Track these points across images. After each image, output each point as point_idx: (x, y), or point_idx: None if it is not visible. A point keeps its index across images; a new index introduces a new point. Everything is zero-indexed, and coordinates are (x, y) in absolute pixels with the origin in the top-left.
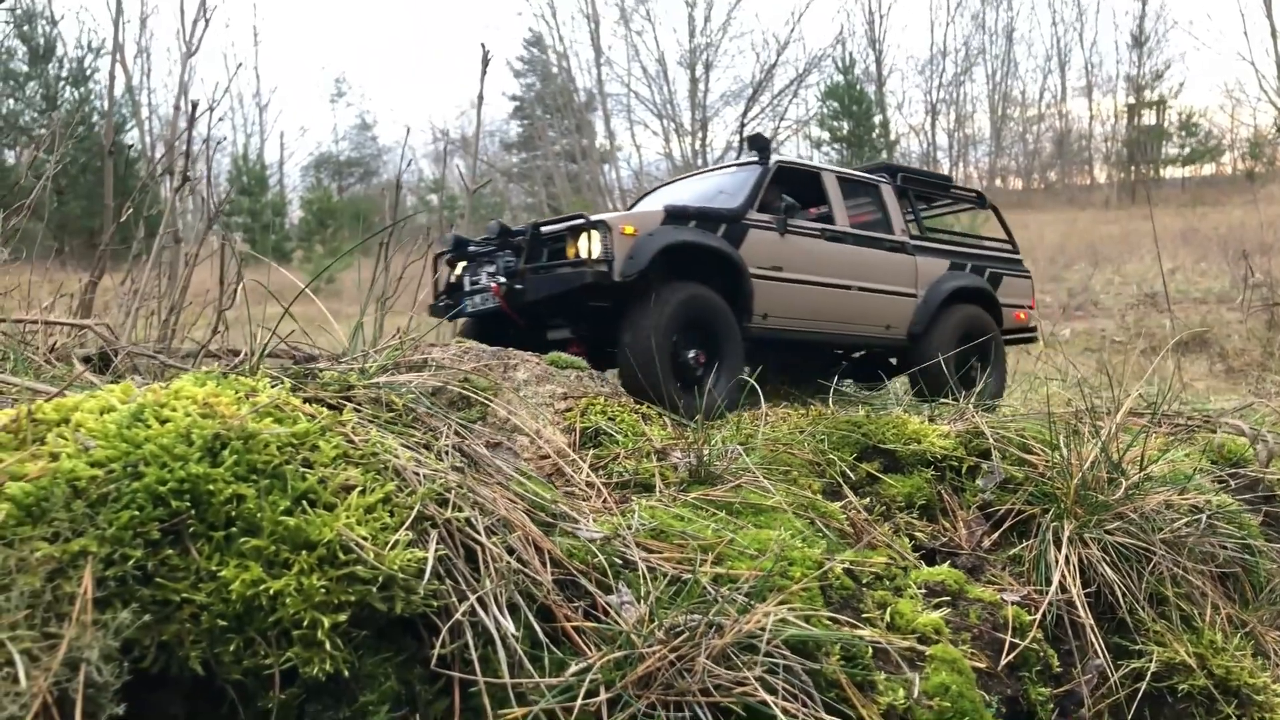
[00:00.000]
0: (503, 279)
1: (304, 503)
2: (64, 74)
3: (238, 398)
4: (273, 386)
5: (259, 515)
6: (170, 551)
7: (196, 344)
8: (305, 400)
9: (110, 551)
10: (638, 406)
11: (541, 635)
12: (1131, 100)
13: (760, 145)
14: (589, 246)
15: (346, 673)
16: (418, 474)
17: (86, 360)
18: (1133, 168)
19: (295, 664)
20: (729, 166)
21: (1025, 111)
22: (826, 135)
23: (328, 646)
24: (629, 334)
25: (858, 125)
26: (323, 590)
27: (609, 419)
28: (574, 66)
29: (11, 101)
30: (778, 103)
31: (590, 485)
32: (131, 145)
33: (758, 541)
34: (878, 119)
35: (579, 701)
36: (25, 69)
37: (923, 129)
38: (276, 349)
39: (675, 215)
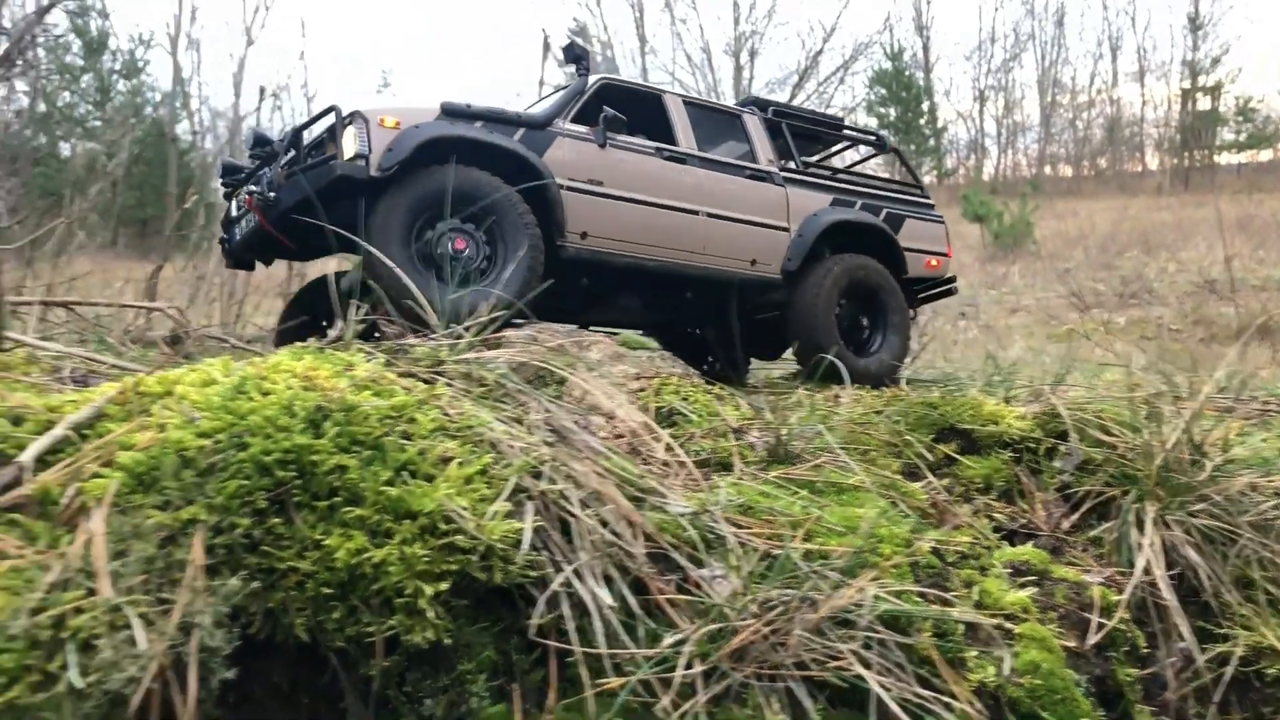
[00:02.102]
0: (255, 189)
1: (404, 473)
2: (117, 67)
3: (335, 371)
4: (367, 361)
5: (361, 485)
6: (276, 520)
7: (258, 327)
8: (399, 375)
9: (219, 520)
10: (710, 387)
11: (635, 607)
12: (1187, 85)
13: (575, 56)
14: (347, 142)
15: (448, 641)
16: (512, 447)
17: (166, 340)
18: (1186, 154)
19: (397, 632)
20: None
21: (1075, 98)
22: (874, 122)
23: (429, 615)
24: (374, 222)
25: (905, 111)
26: (425, 559)
27: (682, 399)
28: (618, 55)
29: (67, 94)
30: (823, 90)
31: (669, 464)
32: (176, 138)
33: (845, 519)
34: (925, 105)
35: (678, 673)
36: (81, 62)
37: (970, 116)
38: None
39: (455, 113)
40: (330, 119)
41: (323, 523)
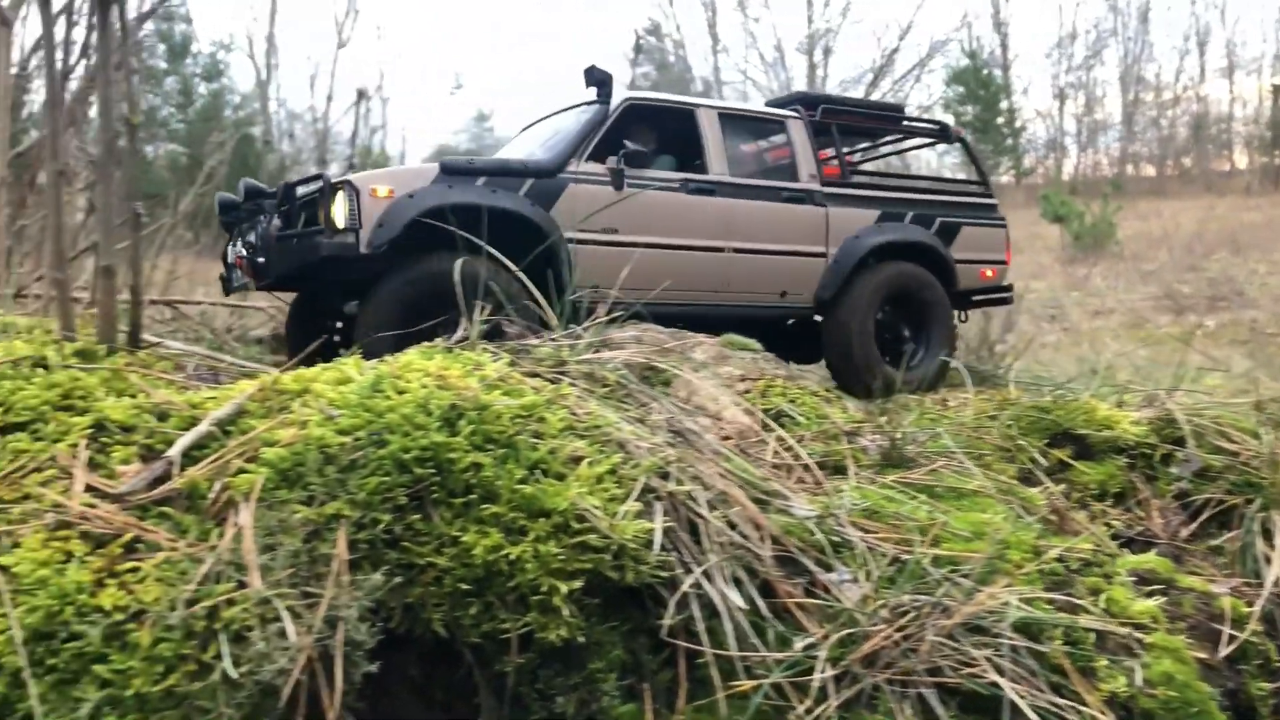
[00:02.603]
0: (244, 251)
1: (537, 472)
2: (198, 70)
3: (465, 371)
4: (494, 361)
5: (497, 483)
6: (414, 517)
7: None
8: (524, 375)
9: (361, 515)
10: (817, 390)
11: (764, 610)
12: (1278, 81)
13: (597, 80)
14: (337, 213)
15: (580, 639)
16: (640, 447)
17: (268, 338)
18: (1277, 152)
19: (532, 629)
20: (580, 105)
21: (1160, 95)
22: (951, 120)
23: (564, 613)
24: (361, 318)
25: (984, 110)
26: (559, 557)
27: (789, 401)
28: (691, 55)
29: (151, 97)
30: (899, 88)
31: (778, 466)
32: (270, 141)
33: (972, 524)
34: (1003, 104)
35: (816, 676)
36: (165, 65)
37: (1049, 114)
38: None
39: (455, 171)
40: (322, 181)
41: (459, 519)
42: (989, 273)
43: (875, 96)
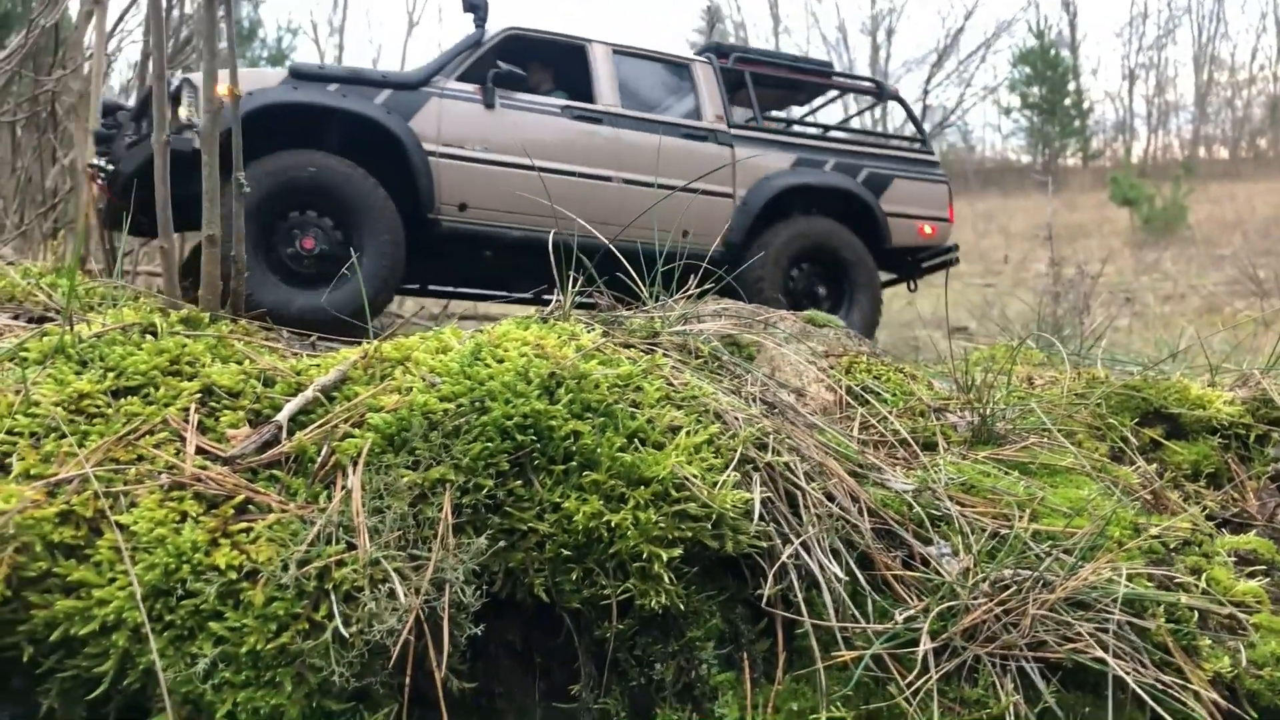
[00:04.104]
0: (97, 163)
1: (636, 441)
2: (264, 55)
3: (562, 341)
4: (588, 332)
5: (597, 451)
6: (516, 483)
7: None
8: (618, 345)
9: (465, 480)
10: (902, 367)
11: (862, 582)
12: None
13: (471, 5)
14: (182, 112)
15: (681, 607)
16: (737, 418)
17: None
18: None
19: (632, 596)
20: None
21: (1234, 75)
22: (1017, 101)
23: (664, 580)
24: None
25: (1051, 91)
26: (659, 525)
27: (874, 377)
28: (752, 37)
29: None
30: (964, 68)
31: (866, 442)
32: None
33: (1069, 500)
34: (1071, 85)
35: (921, 647)
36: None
37: (1118, 95)
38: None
39: (304, 75)
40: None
41: (559, 486)
42: (927, 229)
43: (939, 78)
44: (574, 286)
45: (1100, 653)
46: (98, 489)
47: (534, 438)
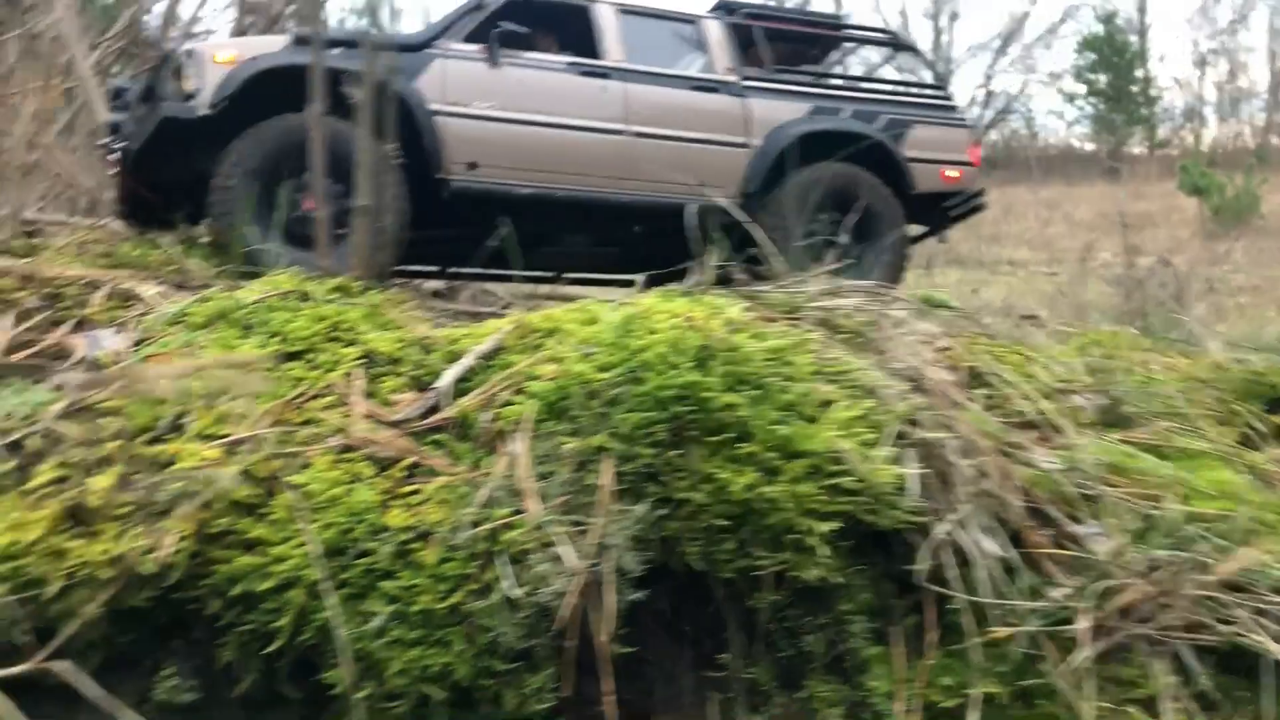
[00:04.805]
0: (106, 141)
1: (789, 414)
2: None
3: (709, 314)
4: (731, 306)
5: (752, 423)
6: (673, 453)
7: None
8: (762, 320)
9: (625, 449)
10: (1019, 349)
11: (1016, 560)
12: None
13: None
14: (187, 82)
15: (840, 580)
16: (888, 393)
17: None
18: None
19: (786, 568)
20: None
21: None
22: (1082, 88)
23: (820, 553)
24: (219, 179)
25: (1117, 78)
26: (816, 498)
27: (994, 358)
28: None
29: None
30: (1028, 55)
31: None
32: None
33: (1215, 483)
34: (1139, 72)
35: (1078, 626)
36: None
37: (1188, 82)
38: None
39: (307, 40)
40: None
41: (715, 457)
42: (952, 173)
43: (1003, 63)
44: (713, 261)
45: (1261, 637)
46: (273, 450)
47: (691, 408)
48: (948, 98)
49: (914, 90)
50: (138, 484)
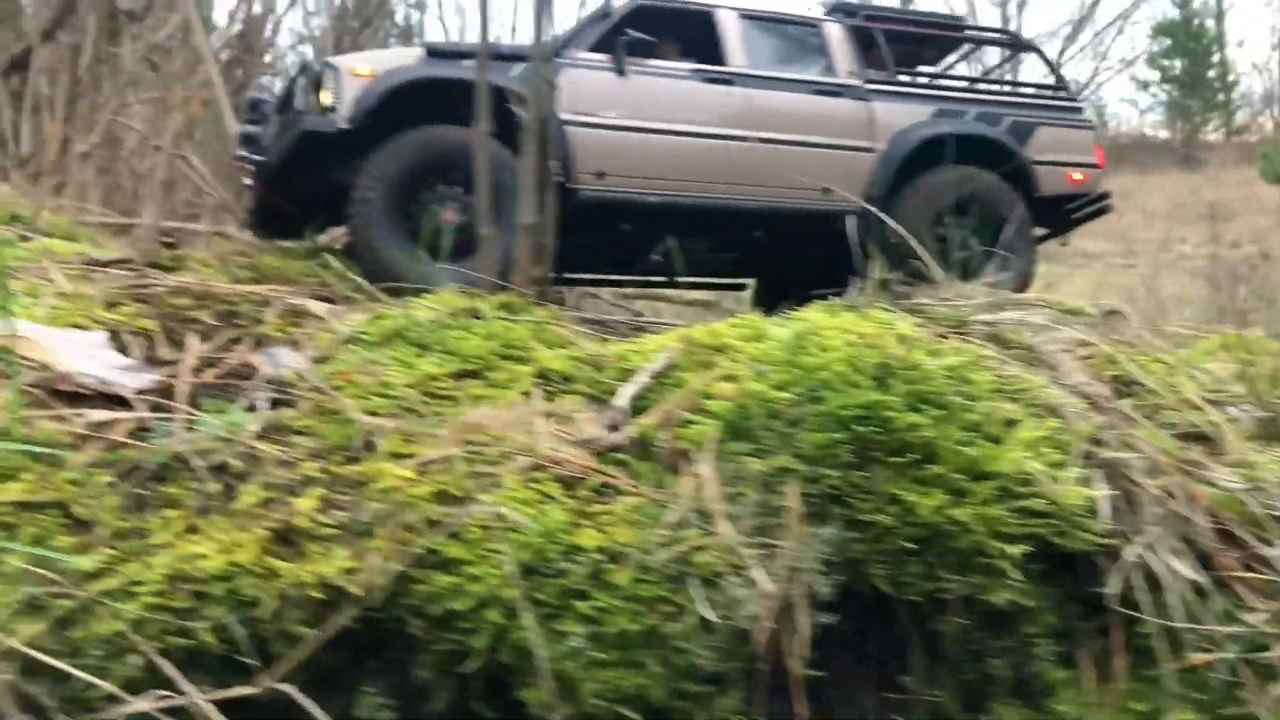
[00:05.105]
0: (243, 154)
1: (973, 434)
2: (394, 32)
3: (880, 329)
4: (897, 320)
5: (938, 444)
6: (857, 474)
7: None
8: (930, 335)
9: (809, 470)
10: (1162, 357)
11: (1206, 584)
12: None
13: None
14: (324, 96)
15: (1030, 603)
16: (1071, 411)
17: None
18: None
19: (974, 591)
20: None
21: None
22: (1156, 75)
23: (1010, 576)
24: (358, 191)
25: (1193, 64)
26: (1006, 521)
27: (1139, 367)
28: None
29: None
30: (1099, 40)
31: None
32: None
33: None
34: (1215, 57)
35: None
36: (355, 26)
37: (1267, 67)
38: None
39: (441, 53)
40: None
41: (900, 478)
42: (1077, 176)
43: (1072, 50)
44: (875, 273)
45: None
46: (463, 470)
47: (875, 429)
48: (1072, 98)
49: (1037, 91)
50: (340, 504)
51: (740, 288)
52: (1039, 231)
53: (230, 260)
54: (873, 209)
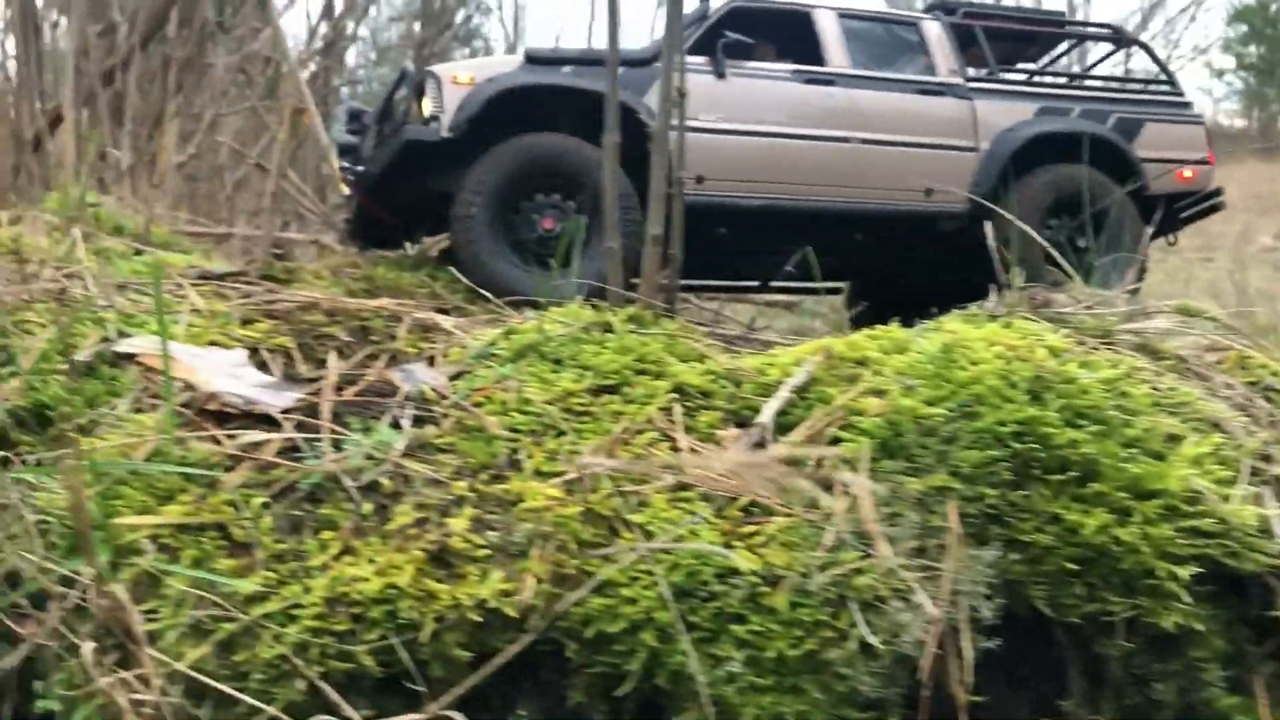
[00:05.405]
0: (345, 165)
1: (1134, 450)
2: (456, 35)
3: (1027, 340)
4: (1039, 330)
5: (1100, 461)
6: (1015, 493)
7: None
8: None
9: (967, 489)
10: None
11: None
12: None
13: None
14: (426, 105)
15: (1199, 626)
16: (1236, 426)
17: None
18: None
19: (1139, 614)
20: None
21: None
22: (1231, 62)
23: (1179, 599)
24: (460, 200)
25: (1270, 50)
26: (1173, 541)
27: (1272, 374)
28: None
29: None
30: (1171, 28)
31: None
32: None
33: None
34: None
35: None
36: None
37: None
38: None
39: (540, 60)
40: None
41: (1060, 497)
42: (1187, 173)
43: (1144, 37)
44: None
45: None
46: (611, 488)
47: (1033, 445)
48: (1180, 93)
49: (1144, 86)
50: (491, 524)
51: (835, 291)
52: (1148, 230)
53: (343, 272)
54: (994, 207)
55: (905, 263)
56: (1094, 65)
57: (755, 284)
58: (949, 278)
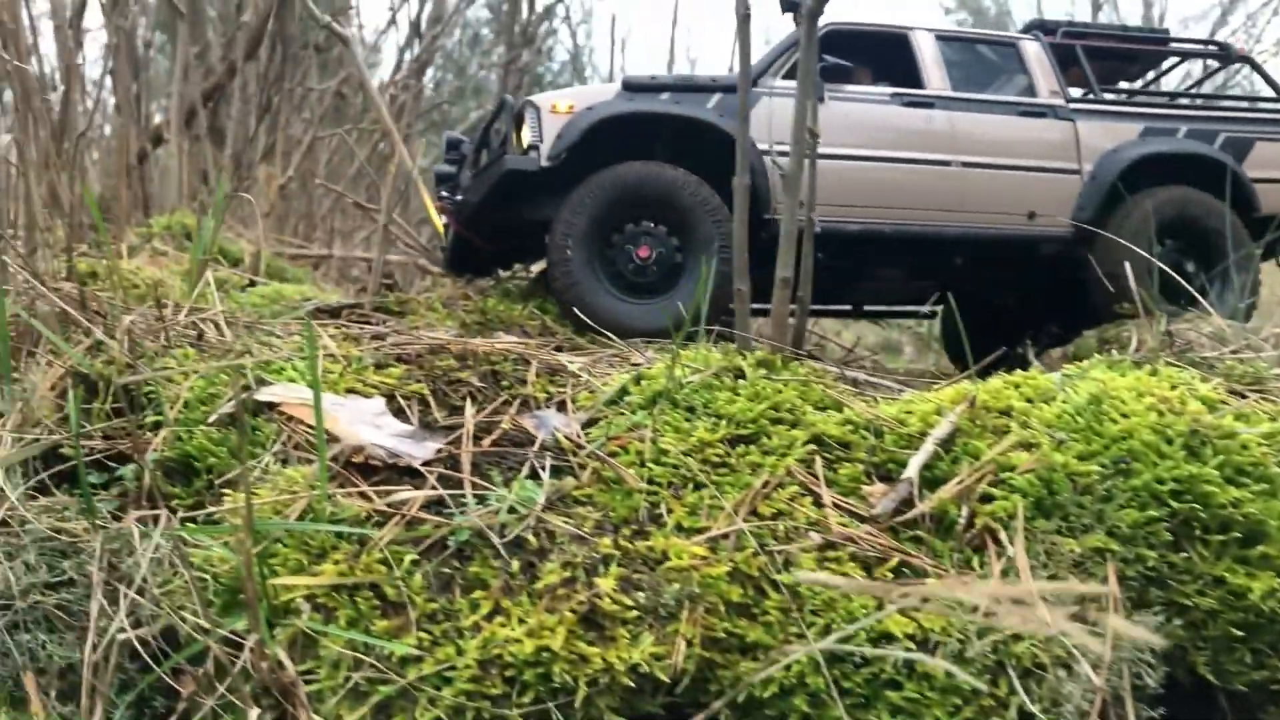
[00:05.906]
0: (445, 194)
1: None
2: (521, 39)
3: (1180, 391)
4: (1188, 378)
5: (1263, 521)
6: (1176, 555)
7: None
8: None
9: (1125, 550)
10: None
11: None
12: None
13: (791, 4)
14: (524, 135)
15: None
16: None
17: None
18: None
19: None
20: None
21: None
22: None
23: None
24: (558, 229)
25: None
26: None
27: None
28: (1014, 2)
29: (476, 65)
30: (1252, 24)
31: None
32: None
33: None
34: None
35: None
36: (489, 34)
37: None
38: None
39: (637, 87)
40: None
41: (1223, 559)
42: None
43: (1222, 34)
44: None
45: None
46: (756, 547)
47: (1194, 505)
48: None
49: (1253, 105)
50: (638, 584)
51: (932, 315)
52: (1259, 254)
53: (454, 303)
54: (1101, 231)
55: (1004, 286)
56: (1198, 83)
57: (849, 308)
58: (1047, 302)
